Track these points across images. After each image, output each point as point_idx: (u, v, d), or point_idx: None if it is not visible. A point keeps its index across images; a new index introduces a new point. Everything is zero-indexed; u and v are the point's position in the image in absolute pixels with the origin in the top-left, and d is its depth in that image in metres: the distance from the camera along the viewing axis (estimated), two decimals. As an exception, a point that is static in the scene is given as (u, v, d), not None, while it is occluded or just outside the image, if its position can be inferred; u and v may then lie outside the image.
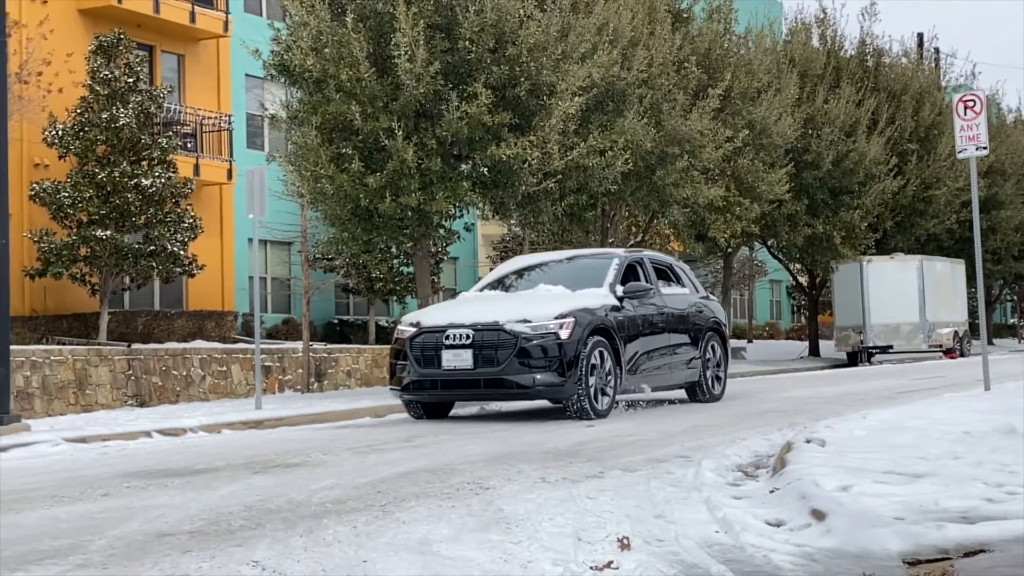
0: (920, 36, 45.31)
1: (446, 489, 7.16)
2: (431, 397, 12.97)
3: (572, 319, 12.44)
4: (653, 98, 24.76)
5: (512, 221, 27.76)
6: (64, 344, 22.05)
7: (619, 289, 13.65)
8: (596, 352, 12.59)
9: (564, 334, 12.31)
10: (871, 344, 37.30)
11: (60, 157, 23.53)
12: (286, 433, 12.54)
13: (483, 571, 4.99)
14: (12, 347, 13.92)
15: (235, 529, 5.96)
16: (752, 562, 5.15)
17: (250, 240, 26.50)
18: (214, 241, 27.98)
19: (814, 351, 41.05)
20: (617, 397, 13.32)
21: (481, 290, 14.52)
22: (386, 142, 19.94)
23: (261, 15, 31.38)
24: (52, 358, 19.23)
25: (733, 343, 39.69)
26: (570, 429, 11.47)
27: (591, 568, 5.02)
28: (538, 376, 12.24)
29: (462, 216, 23.83)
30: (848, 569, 4.95)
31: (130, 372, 20.58)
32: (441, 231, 22.48)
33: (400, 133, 19.75)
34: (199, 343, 23.66)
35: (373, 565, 5.06)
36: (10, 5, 16.29)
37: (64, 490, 7.68)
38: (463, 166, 21.76)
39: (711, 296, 16.35)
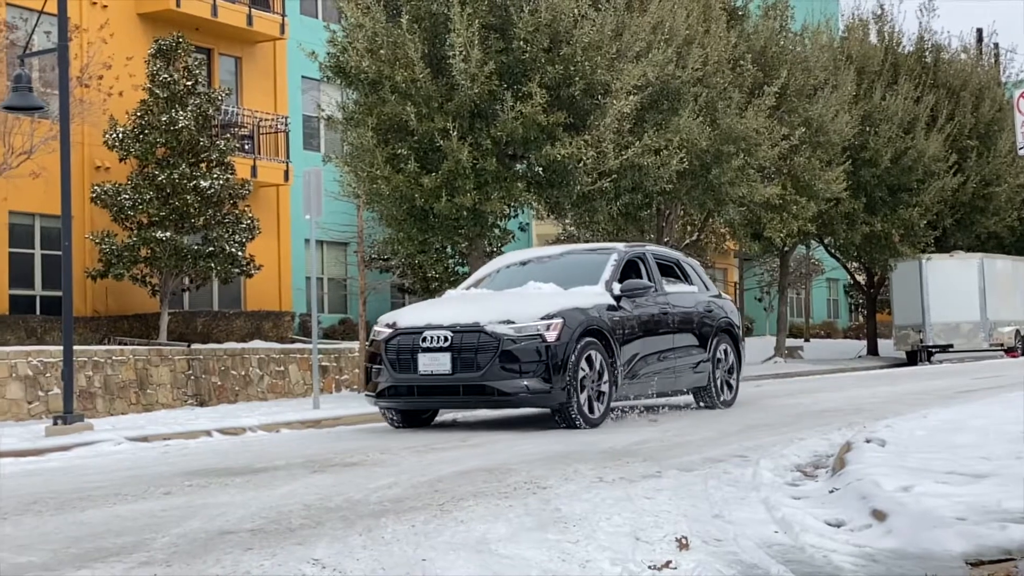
0: (979, 31, 44.69)
1: (503, 488, 7.18)
2: (407, 404, 12.04)
3: (560, 319, 11.43)
4: (708, 96, 24.65)
5: (567, 220, 27.77)
6: (125, 344, 22.33)
7: (616, 287, 12.61)
8: (588, 355, 11.58)
9: (551, 336, 11.30)
10: (931, 343, 36.87)
11: (121, 160, 23.83)
12: (344, 432, 12.62)
13: (541, 570, 5.00)
14: (75, 347, 14.12)
15: (295, 527, 6.01)
16: (812, 563, 5.12)
17: (307, 241, 26.68)
18: (271, 242, 28.20)
19: (872, 350, 40.66)
20: (615, 403, 12.43)
21: (468, 288, 13.53)
22: (441, 142, 20.00)
23: (317, 17, 31.59)
24: (114, 358, 19.48)
25: (790, 342, 39.45)
26: (627, 428, 11.45)
27: (650, 568, 5.01)
28: (522, 382, 11.23)
29: (517, 216, 23.86)
30: (910, 570, 4.90)
31: (190, 372, 20.80)
32: (496, 231, 22.51)
33: (455, 133, 19.80)
34: (257, 343, 23.87)
35: (432, 564, 5.08)
36: (71, 10, 16.52)
37: (127, 488, 7.78)
38: (518, 166, 21.78)
39: (723, 295, 15.31)
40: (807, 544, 5.41)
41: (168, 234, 22.91)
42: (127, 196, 23.14)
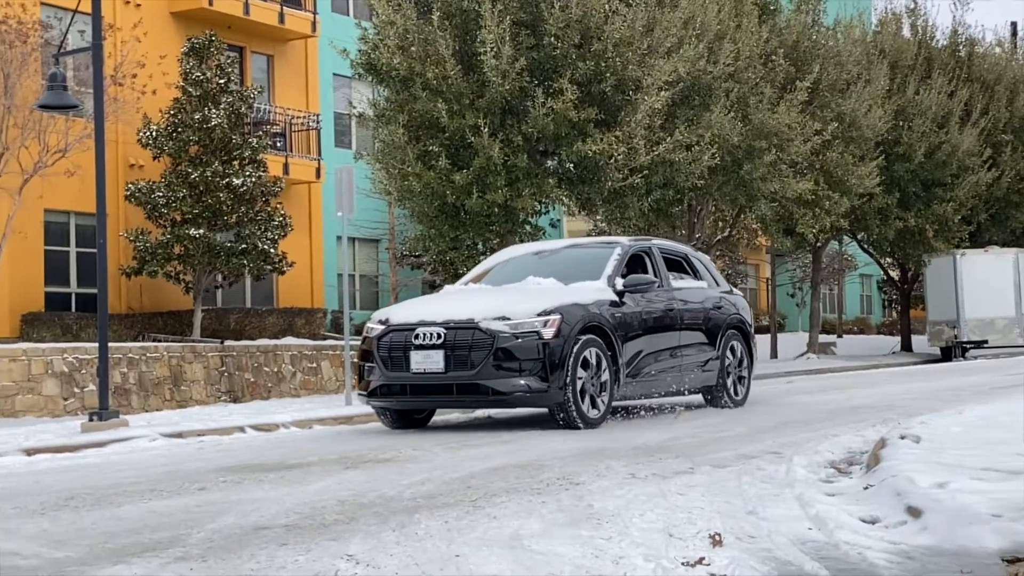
0: (1014, 25, 44.33)
1: (536, 484, 7.18)
2: (399, 404, 11.60)
3: (558, 316, 10.97)
4: (740, 92, 24.58)
5: (598, 217, 27.75)
6: (159, 341, 22.48)
7: (619, 282, 12.12)
8: (587, 353, 11.13)
9: (548, 333, 10.86)
10: (965, 339, 36.61)
11: (154, 158, 23.98)
12: (376, 429, 12.64)
13: (574, 566, 5.00)
14: (110, 344, 14.23)
15: (329, 523, 6.04)
16: (847, 559, 5.10)
17: (339, 238, 26.77)
18: (303, 239, 28.31)
19: (906, 346, 40.43)
20: (619, 403, 12.10)
21: (467, 283, 13.10)
22: (472, 139, 20.03)
23: (348, 15, 31.68)
24: (148, 355, 19.62)
25: (822, 338, 39.29)
26: (656, 426, 11.43)
27: (683, 564, 5.00)
28: (518, 381, 10.81)
29: (548, 212, 23.87)
30: (946, 567, 4.88)
31: (223, 369, 20.92)
32: (527, 227, 22.54)
33: (486, 130, 19.83)
34: (289, 340, 23.97)
35: (465, 560, 5.09)
36: (105, 9, 16.64)
37: (162, 484, 7.84)
38: (549, 162, 21.80)
39: (735, 290, 14.77)
40: (842, 541, 5.39)
41: (201, 231, 23.04)
42: (161, 194, 23.29)
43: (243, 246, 23.72)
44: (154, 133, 23.59)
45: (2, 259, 20.42)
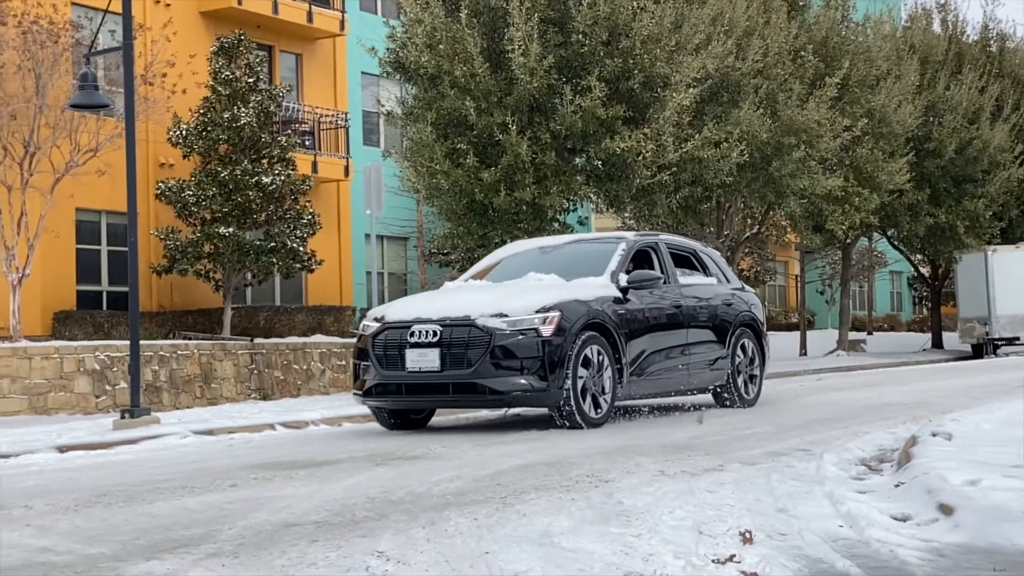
0: (1046, 19, 43.97)
1: (565, 482, 7.19)
2: (394, 403, 11.28)
3: (557, 312, 10.65)
4: (769, 88, 24.49)
5: (626, 214, 27.73)
6: (190, 339, 22.60)
7: (623, 278, 11.78)
8: (588, 351, 10.81)
9: (547, 330, 10.54)
10: (997, 336, 36.36)
11: (184, 156, 24.11)
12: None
13: (604, 564, 5.00)
14: (141, 342, 14.31)
15: (359, 520, 6.06)
16: (878, 557, 5.08)
17: (367, 236, 26.86)
18: (332, 237, 28.40)
19: (937, 343, 40.19)
20: (624, 402, 11.84)
21: (467, 279, 12.77)
22: (500, 137, 20.04)
23: (376, 13, 31.75)
24: (179, 353, 19.73)
25: (852, 335, 39.10)
26: (682, 423, 11.42)
27: (713, 561, 5.00)
28: (516, 379, 10.50)
29: (576, 210, 23.86)
30: (978, 564, 4.85)
31: (253, 366, 21.02)
32: (555, 224, 22.54)
33: (514, 128, 19.84)
34: (319, 338, 24.06)
35: (495, 557, 5.10)
36: (135, 9, 16.75)
37: (194, 481, 7.89)
38: (577, 160, 21.79)
39: (746, 287, 14.45)
40: (873, 538, 5.37)
41: (231, 230, 23.15)
42: (191, 192, 23.41)
43: (272, 244, 23.81)
44: (184, 132, 23.71)
45: (34, 258, 20.58)
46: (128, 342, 14.86)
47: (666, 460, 8.17)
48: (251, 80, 24.18)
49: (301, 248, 24.25)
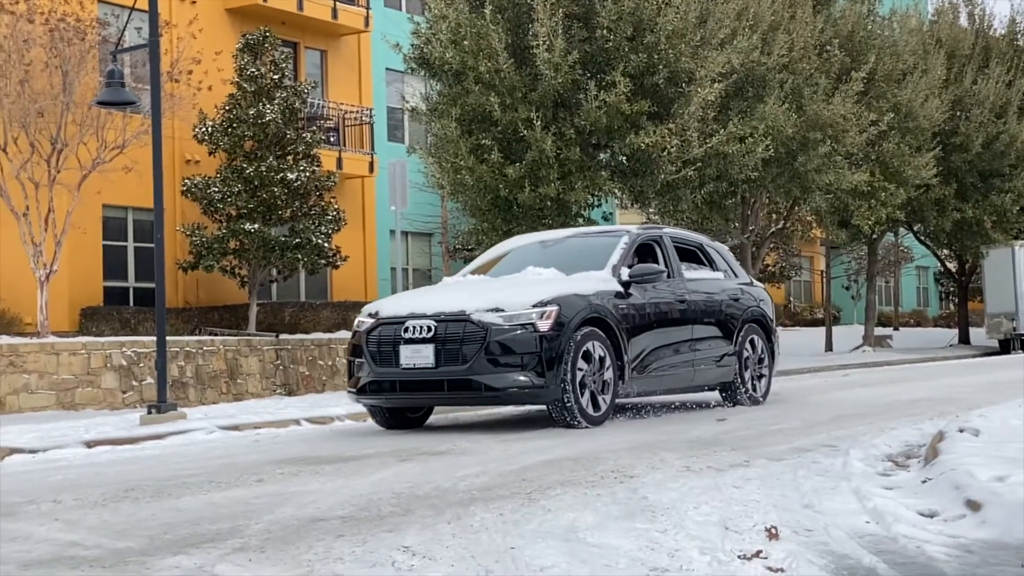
0: (1075, 12, 43.60)
1: (590, 477, 7.19)
2: (388, 401, 10.98)
3: (555, 307, 10.35)
4: (794, 83, 24.40)
5: (651, 210, 27.66)
6: (216, 335, 22.70)
7: (624, 272, 11.45)
8: (588, 347, 10.50)
9: (544, 325, 10.23)
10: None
11: (210, 153, 24.22)
12: (430, 422, 12.69)
13: (630, 559, 5.00)
14: (168, 338, 14.39)
15: (385, 515, 6.08)
16: (905, 553, 5.06)
17: (392, 232, 26.91)
18: (356, 233, 28.47)
19: (964, 339, 39.97)
20: (637, 399, 11.53)
21: (466, 275, 12.46)
22: (525, 132, 20.04)
23: (401, 9, 31.80)
24: (205, 348, 19.82)
25: (878, 331, 38.92)
26: (703, 420, 11.40)
27: (739, 557, 4.99)
28: (512, 376, 10.19)
29: (600, 205, 23.83)
30: (1006, 560, 4.82)
31: (278, 362, 21.10)
32: (580, 220, 22.53)
33: (539, 123, 19.83)
34: (343, 333, 24.10)
35: (520, 552, 5.11)
36: (161, 6, 16.81)
37: (220, 476, 7.92)
38: (601, 155, 21.77)
39: (755, 282, 14.12)
40: (900, 535, 5.35)
41: (256, 226, 23.24)
42: (216, 189, 23.51)
43: (297, 240, 23.89)
44: (210, 129, 23.82)
45: (62, 254, 20.72)
46: (154, 338, 14.94)
47: (691, 456, 8.16)
48: (276, 77, 24.26)
49: (326, 244, 24.32)
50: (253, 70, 24.03)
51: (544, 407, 10.81)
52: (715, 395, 13.44)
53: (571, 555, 5.04)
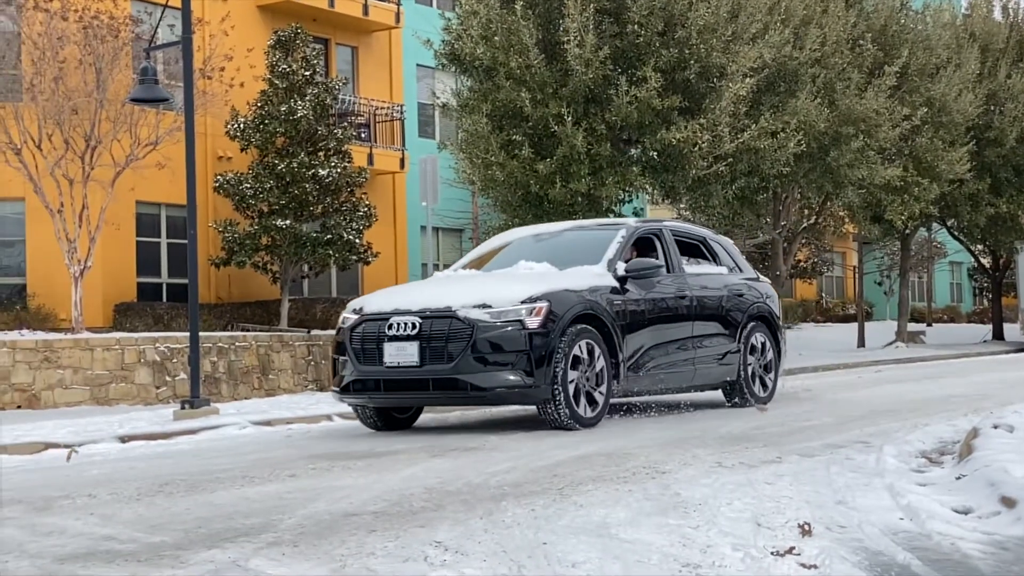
0: (1111, 5, 43.16)
1: (622, 473, 7.18)
2: (373, 401, 10.56)
3: (545, 303, 9.91)
4: (826, 77, 24.27)
5: (682, 205, 27.60)
6: (248, 331, 22.81)
7: (620, 267, 11.02)
8: (580, 345, 10.07)
9: (533, 322, 9.80)
10: (1059, 327, 35.84)
11: (242, 149, 24.32)
12: (460, 418, 12.72)
13: (662, 555, 4.99)
14: (200, 334, 14.47)
15: (417, 510, 6.10)
16: (939, 550, 5.03)
17: (423, 228, 26.94)
18: (387, 229, 28.53)
19: (998, 334, 39.67)
20: (622, 399, 11.22)
21: (457, 269, 12.09)
22: (556, 128, 20.02)
23: (431, 5, 31.83)
24: (237, 344, 19.91)
25: (911, 327, 38.68)
26: (741, 416, 11.36)
27: (772, 554, 4.98)
28: (500, 375, 9.77)
29: (631, 201, 23.79)
30: (1041, 559, 4.80)
31: (310, 358, 21.17)
32: (611, 216, 22.49)
33: (569, 119, 19.81)
34: (375, 329, 24.14)
35: (553, 547, 5.11)
36: (194, 3, 16.91)
37: (253, 471, 7.96)
38: (632, 151, 21.72)
39: (761, 277, 13.53)
40: (934, 531, 5.32)
41: (288, 222, 23.32)
42: (248, 185, 23.61)
43: (329, 236, 23.96)
44: (242, 125, 23.92)
45: (96, 251, 20.87)
46: (187, 334, 15.03)
47: (723, 452, 8.14)
48: (308, 73, 24.33)
49: (357, 240, 24.38)
50: (285, 67, 24.11)
51: (535, 408, 10.34)
52: (716, 395, 12.99)
53: (603, 551, 5.05)
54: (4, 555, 5.28)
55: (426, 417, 11.97)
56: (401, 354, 10.01)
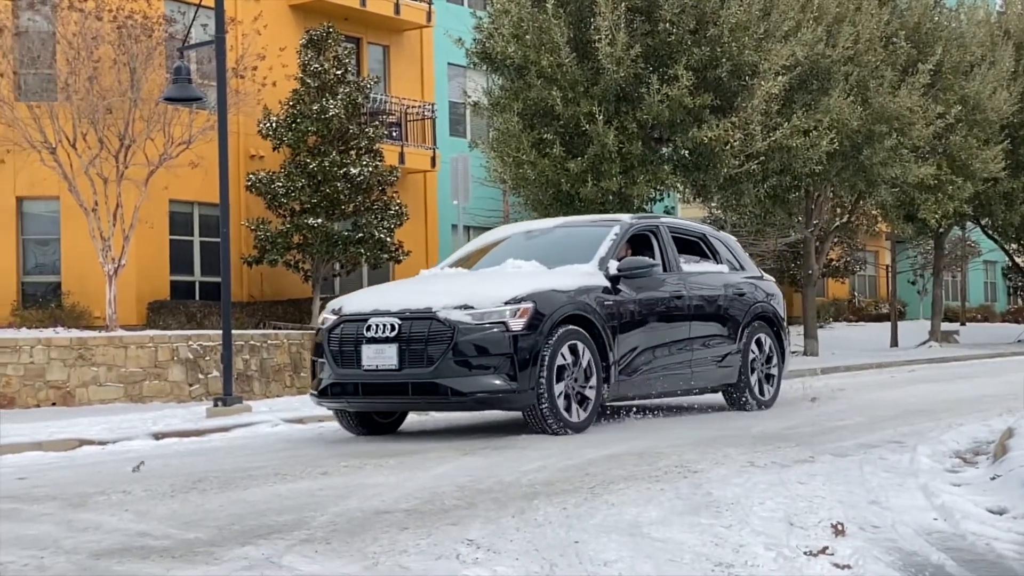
0: None
1: (654, 472, 7.17)
2: (351, 405, 10.12)
3: (530, 304, 9.46)
4: (859, 75, 24.14)
5: (713, 204, 27.51)
6: (280, 329, 22.90)
7: (612, 265, 10.54)
8: (567, 347, 9.63)
9: (517, 324, 9.36)
10: (1095, 327, 35.50)
11: (274, 148, 24.42)
12: (490, 416, 12.71)
13: (694, 554, 4.99)
14: (233, 331, 14.54)
15: (448, 508, 6.11)
16: (973, 550, 5.00)
17: (454, 226, 26.97)
18: (419, 227, 28.58)
19: (1032, 334, 39.34)
20: (614, 403, 10.86)
21: (443, 267, 11.65)
22: (587, 127, 20.00)
23: (463, 4, 31.85)
24: (269, 342, 20.00)
25: (945, 326, 38.40)
26: (774, 415, 11.32)
27: (805, 553, 4.96)
28: (481, 379, 9.32)
29: (663, 199, 23.73)
30: (1077, 560, 4.76)
31: (341, 355, 21.22)
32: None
33: (601, 117, 19.78)
34: (406, 327, 24.18)
35: (585, 546, 5.11)
36: (226, 2, 16.98)
37: (285, 468, 8.00)
38: (664, 149, 21.68)
39: (764, 276, 12.96)
40: (968, 532, 5.29)
41: (319, 221, 23.41)
42: (280, 184, 23.71)
43: (360, 235, 24.04)
44: (274, 124, 24.02)
45: (130, 249, 21.02)
46: (220, 331, 15.11)
47: (755, 451, 8.12)
48: (339, 72, 24.41)
49: (388, 239, 24.44)
50: (316, 66, 24.20)
51: (519, 413, 9.82)
52: (716, 398, 12.57)
53: (635, 550, 5.04)
54: (41, 551, 5.33)
55: (438, 417, 11.84)
56: (380, 357, 9.60)
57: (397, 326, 9.53)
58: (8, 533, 5.81)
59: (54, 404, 17.59)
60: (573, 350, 9.70)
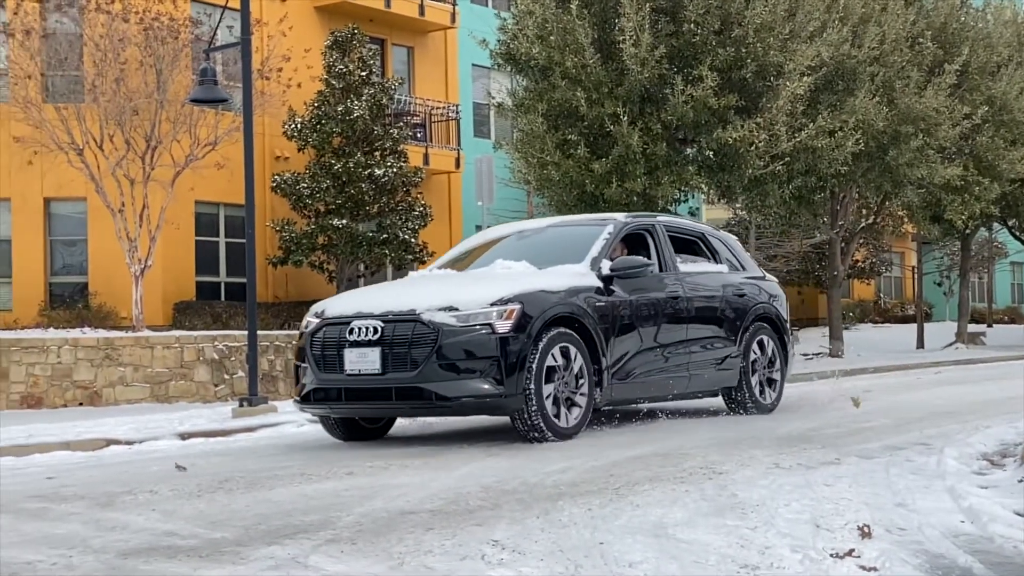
0: None
1: (679, 473, 7.16)
2: (334, 411, 9.81)
3: (518, 305, 9.13)
4: (885, 76, 24.03)
5: (738, 205, 27.44)
6: (304, 329, 22.90)
7: (605, 265, 10.20)
8: (558, 350, 9.30)
9: (503, 326, 9.01)
10: (1123, 329, 35.22)
11: (299, 150, 24.51)
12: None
13: (719, 556, 4.98)
14: (258, 332, 14.60)
15: (473, 509, 6.12)
16: (1001, 553, 4.98)
17: (478, 227, 26.96)
18: (443, 228, 28.62)
19: (1060, 336, 39.07)
20: (608, 407, 10.55)
21: (432, 269, 11.39)
22: (611, 127, 19.99)
23: (487, 5, 31.88)
24: (294, 343, 20.06)
25: (971, 328, 38.17)
26: (800, 417, 11.28)
27: (831, 556, 4.94)
28: (467, 384, 8.98)
29: (687, 200, 23.68)
30: (1106, 563, 4.73)
31: (366, 356, 21.27)
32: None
33: (625, 118, 19.76)
34: (430, 328, 24.21)
35: (610, 547, 5.11)
36: (252, 4, 17.06)
37: (311, 468, 8.03)
38: (688, 150, 21.63)
39: (767, 276, 12.63)
40: (996, 534, 5.26)
41: (344, 222, 23.47)
42: (305, 185, 23.79)
43: (384, 236, 24.09)
44: (299, 125, 24.10)
45: (156, 250, 21.12)
46: (245, 332, 15.17)
47: (781, 453, 8.09)
48: (364, 73, 24.47)
49: (413, 239, 24.49)
50: (341, 67, 24.27)
51: (507, 418, 9.54)
52: (715, 402, 12.25)
53: (660, 551, 5.04)
54: (69, 550, 5.37)
55: (449, 420, 11.64)
56: (362, 361, 9.27)
57: (380, 329, 9.22)
58: (37, 532, 5.86)
59: (81, 404, 17.70)
60: (563, 353, 9.42)
